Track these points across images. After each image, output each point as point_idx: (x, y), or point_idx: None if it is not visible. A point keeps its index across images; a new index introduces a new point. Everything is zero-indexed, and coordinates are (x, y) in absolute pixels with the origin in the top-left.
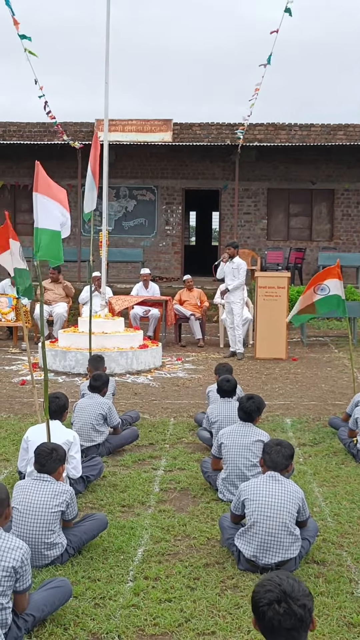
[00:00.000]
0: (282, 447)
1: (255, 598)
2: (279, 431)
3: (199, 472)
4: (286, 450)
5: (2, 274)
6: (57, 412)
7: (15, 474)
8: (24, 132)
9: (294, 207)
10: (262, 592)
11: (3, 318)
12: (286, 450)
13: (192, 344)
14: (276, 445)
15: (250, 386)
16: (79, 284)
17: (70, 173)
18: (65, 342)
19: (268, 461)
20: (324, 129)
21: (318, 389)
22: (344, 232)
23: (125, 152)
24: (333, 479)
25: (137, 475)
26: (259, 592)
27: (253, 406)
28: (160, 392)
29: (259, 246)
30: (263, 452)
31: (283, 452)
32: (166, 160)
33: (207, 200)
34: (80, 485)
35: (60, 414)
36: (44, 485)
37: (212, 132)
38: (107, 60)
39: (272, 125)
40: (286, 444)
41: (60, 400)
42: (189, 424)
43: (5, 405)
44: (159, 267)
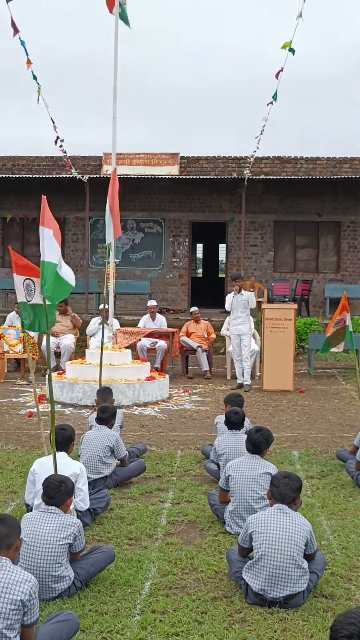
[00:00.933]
0: (290, 480)
1: (335, 628)
2: (287, 463)
3: (207, 504)
4: (294, 483)
5: (11, 306)
6: (63, 443)
7: (23, 506)
8: (32, 166)
9: (300, 239)
10: (344, 623)
11: (11, 350)
12: (294, 483)
13: (199, 375)
14: (284, 477)
15: (257, 418)
16: (86, 315)
17: (78, 206)
18: (72, 374)
19: (276, 494)
20: (330, 162)
21: (325, 421)
22: (351, 264)
23: (132, 186)
24: (341, 511)
25: (144, 507)
26: (341, 622)
27: (261, 438)
28: (167, 424)
29: (266, 278)
30: (271, 485)
31: (291, 484)
32: (173, 193)
33: (214, 233)
34: (87, 517)
35: (67, 445)
36: (52, 518)
37: (219, 165)
38: (115, 96)
39: (278, 158)
40: (294, 476)
41: (66, 432)
42: (196, 456)
43: (12, 437)
44: (166, 299)
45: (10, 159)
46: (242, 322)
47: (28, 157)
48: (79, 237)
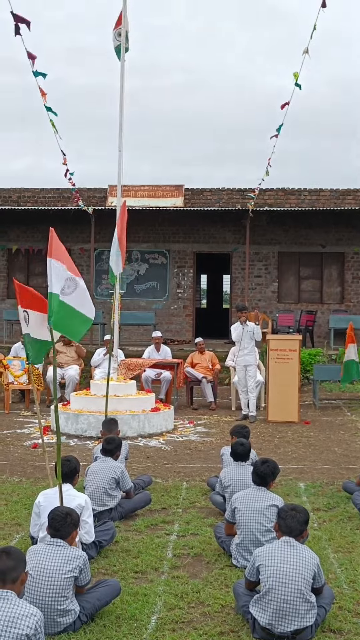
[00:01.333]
0: (297, 512)
1: None
2: (293, 495)
3: (213, 537)
4: (301, 516)
5: (16, 337)
6: (69, 475)
7: (27, 539)
8: (38, 198)
9: (304, 270)
10: None
11: (16, 381)
12: (301, 516)
13: (204, 406)
14: (291, 510)
15: (262, 449)
16: (90, 346)
17: (83, 237)
18: (77, 405)
19: (283, 526)
20: (333, 193)
21: (331, 453)
22: (355, 294)
23: (137, 217)
24: (348, 544)
25: (150, 540)
26: None
27: (267, 470)
28: (172, 456)
29: (270, 309)
30: (278, 517)
31: (298, 517)
32: (178, 224)
33: (218, 263)
34: (92, 550)
35: (72, 477)
36: (58, 550)
37: (223, 197)
38: (121, 129)
39: (282, 190)
40: (301, 509)
41: (71, 464)
42: (202, 488)
43: (17, 469)
44: (170, 329)
45: (16, 191)
46: (248, 353)
47: (33, 189)
48: (83, 268)
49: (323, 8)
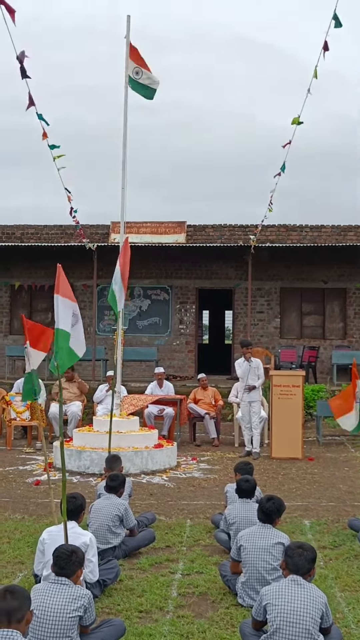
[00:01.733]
0: (304, 550)
1: None
2: (298, 533)
3: (218, 575)
4: (309, 554)
5: (19, 373)
6: (74, 512)
7: (31, 577)
8: (41, 235)
9: (306, 306)
10: None
11: (18, 417)
12: (309, 554)
13: (207, 443)
14: (298, 548)
15: (267, 486)
16: (93, 382)
17: (86, 274)
18: (79, 441)
19: (290, 564)
20: (335, 229)
21: (336, 490)
22: (357, 330)
23: (140, 253)
24: (355, 583)
25: (154, 579)
26: None
27: (273, 507)
28: (176, 493)
29: (273, 344)
30: (285, 555)
31: (306, 555)
32: (180, 260)
33: (221, 299)
34: (96, 589)
35: (77, 514)
36: (62, 589)
37: (225, 233)
38: (124, 166)
39: (283, 226)
40: (308, 547)
41: (77, 501)
42: (206, 525)
43: (19, 506)
44: (173, 365)
45: (19, 228)
46: (260, 385)
47: (37, 225)
48: (86, 304)
49: (325, 51)
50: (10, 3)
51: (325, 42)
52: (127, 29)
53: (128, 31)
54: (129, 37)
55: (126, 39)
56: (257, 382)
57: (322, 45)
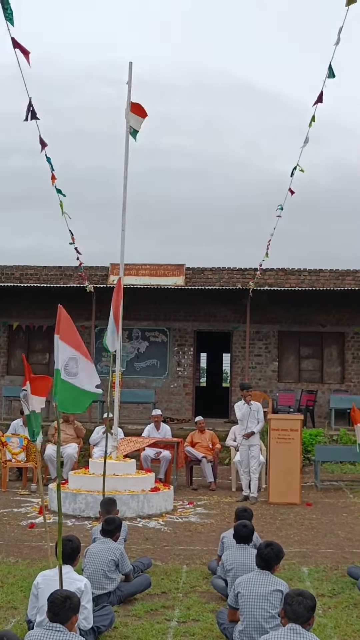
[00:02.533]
0: (303, 598)
1: None
2: (296, 580)
3: (215, 623)
4: (308, 602)
5: (14, 414)
6: (70, 556)
7: (24, 623)
8: (40, 275)
9: (304, 350)
10: None
11: (13, 458)
12: (308, 602)
13: (203, 487)
14: (298, 595)
15: (264, 532)
16: (89, 424)
17: (85, 315)
18: (75, 484)
19: (289, 612)
20: (333, 274)
21: (335, 536)
22: (355, 374)
23: (138, 295)
24: (355, 632)
25: (149, 626)
26: None
27: (272, 553)
28: (172, 538)
29: (270, 388)
30: (284, 603)
31: (305, 603)
32: (178, 303)
33: (219, 342)
34: (90, 636)
35: (73, 558)
36: (57, 636)
37: (224, 276)
38: (124, 209)
39: (282, 270)
40: (308, 594)
41: (73, 544)
42: (203, 571)
43: (13, 550)
44: (170, 408)
45: (18, 268)
46: (259, 430)
47: (36, 266)
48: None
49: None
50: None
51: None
52: (129, 75)
53: (130, 77)
54: (130, 83)
55: (128, 85)
56: (256, 427)
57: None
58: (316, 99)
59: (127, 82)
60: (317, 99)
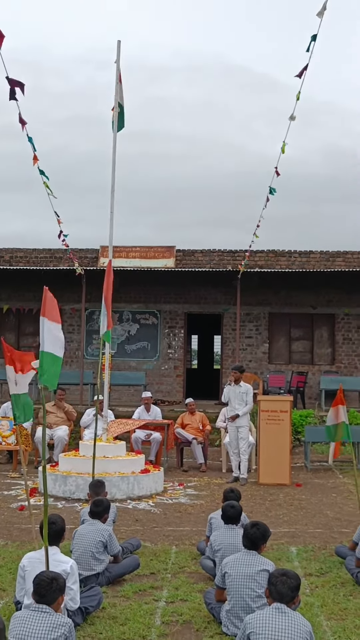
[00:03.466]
0: (287, 578)
1: None
2: (284, 560)
3: (202, 603)
4: (292, 581)
5: (5, 397)
6: (55, 537)
7: (12, 605)
8: (30, 258)
9: (295, 331)
10: None
11: (3, 441)
12: (292, 581)
13: (194, 468)
14: (282, 575)
15: (254, 512)
16: (80, 407)
17: (74, 298)
18: (65, 466)
19: (274, 592)
20: (323, 255)
21: (323, 516)
22: (345, 355)
23: (128, 278)
24: (341, 611)
25: (137, 606)
26: None
27: (258, 533)
28: (161, 519)
29: (261, 369)
30: (268, 583)
31: (289, 583)
32: (169, 285)
33: (209, 324)
34: (78, 617)
35: (58, 539)
36: (42, 617)
37: (214, 258)
38: (113, 191)
39: (272, 252)
40: (292, 574)
41: (56, 525)
42: (192, 552)
43: (3, 532)
44: (161, 390)
45: (8, 251)
46: (243, 414)
47: (25, 249)
48: (74, 328)
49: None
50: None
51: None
52: (117, 54)
53: (118, 56)
54: (119, 63)
55: (116, 64)
56: (241, 409)
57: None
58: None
59: (116, 61)
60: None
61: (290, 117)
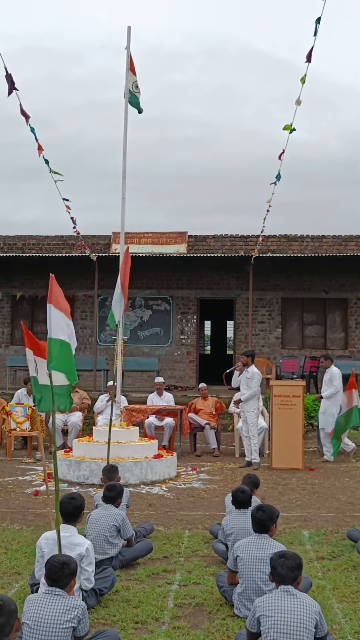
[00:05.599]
0: (285, 559)
1: None
2: (297, 544)
3: (215, 586)
4: (290, 562)
5: (19, 383)
6: (74, 514)
7: (27, 588)
8: (42, 245)
9: (307, 316)
10: None
11: (18, 427)
12: (290, 562)
13: (207, 453)
14: (280, 557)
15: (267, 497)
16: (94, 393)
17: (87, 284)
18: (79, 451)
19: (275, 575)
20: (336, 240)
21: (336, 500)
22: (358, 340)
23: (141, 264)
24: (353, 594)
25: (150, 590)
26: None
27: (264, 516)
28: (175, 503)
29: (274, 355)
30: (270, 567)
31: (287, 564)
32: (181, 271)
33: (222, 309)
34: (92, 599)
35: (77, 516)
36: (55, 600)
37: (226, 243)
38: (124, 177)
39: (284, 236)
40: (290, 554)
41: (76, 502)
42: (204, 536)
43: (18, 517)
44: (174, 375)
45: (21, 239)
46: (245, 399)
47: (38, 236)
48: (87, 314)
49: (308, 63)
50: None
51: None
52: (127, 40)
53: (129, 42)
54: (129, 49)
55: (127, 50)
56: (245, 394)
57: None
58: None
59: (126, 47)
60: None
61: (297, 101)
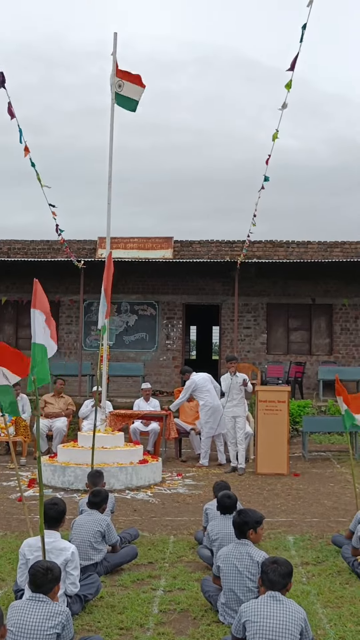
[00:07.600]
0: (278, 565)
1: None
2: (282, 549)
3: (200, 592)
4: (283, 569)
5: None
6: (56, 519)
7: (11, 594)
8: (28, 250)
9: (293, 322)
10: None
11: (2, 432)
12: (283, 569)
13: (192, 458)
14: (272, 563)
15: (251, 502)
16: (79, 398)
17: (72, 289)
18: (64, 457)
19: (266, 581)
20: (321, 246)
21: (321, 506)
22: (343, 346)
23: (126, 269)
24: (337, 599)
25: (135, 595)
26: None
27: (239, 520)
28: (160, 509)
29: (259, 360)
30: (261, 572)
31: (280, 570)
32: (167, 276)
33: (208, 315)
34: (76, 605)
35: (59, 522)
36: (39, 606)
37: (212, 249)
38: (110, 181)
39: (270, 242)
40: (282, 561)
41: (58, 507)
42: (190, 541)
43: (2, 523)
44: (159, 381)
45: (6, 243)
46: (237, 405)
47: (23, 240)
48: (72, 319)
49: (291, 71)
50: None
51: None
52: (113, 46)
53: (115, 48)
54: (115, 55)
55: (113, 56)
56: (236, 399)
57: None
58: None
59: (112, 54)
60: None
61: (282, 105)
